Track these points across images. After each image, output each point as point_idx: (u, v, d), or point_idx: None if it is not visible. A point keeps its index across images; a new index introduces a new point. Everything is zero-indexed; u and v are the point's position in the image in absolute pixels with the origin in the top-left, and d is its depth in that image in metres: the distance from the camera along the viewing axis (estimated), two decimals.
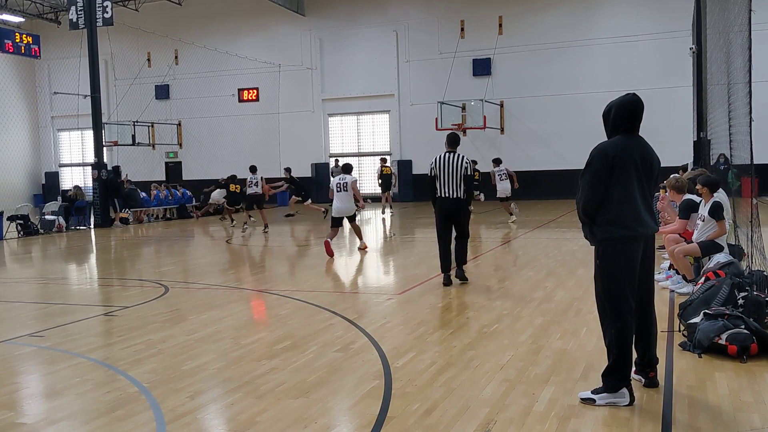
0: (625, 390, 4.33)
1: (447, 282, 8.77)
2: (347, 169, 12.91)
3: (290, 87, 30.75)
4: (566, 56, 26.74)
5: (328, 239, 12.21)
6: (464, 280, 8.95)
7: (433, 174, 8.73)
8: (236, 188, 19.96)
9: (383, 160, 24.93)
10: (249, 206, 18.65)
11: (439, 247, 8.92)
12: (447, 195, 8.66)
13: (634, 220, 4.31)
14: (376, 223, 20.02)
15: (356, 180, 12.67)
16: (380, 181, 23.88)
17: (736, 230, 9.23)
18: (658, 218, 10.77)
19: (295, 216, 21.96)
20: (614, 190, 4.30)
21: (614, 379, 4.34)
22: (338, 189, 12.30)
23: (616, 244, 4.32)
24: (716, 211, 7.41)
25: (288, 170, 22.18)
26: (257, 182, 18.01)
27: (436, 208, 8.83)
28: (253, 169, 18.27)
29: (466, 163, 8.72)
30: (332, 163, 28.57)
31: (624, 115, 4.38)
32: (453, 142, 8.87)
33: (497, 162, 18.25)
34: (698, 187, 7.82)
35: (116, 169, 22.40)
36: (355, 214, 12.61)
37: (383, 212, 22.88)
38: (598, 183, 4.31)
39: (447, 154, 8.72)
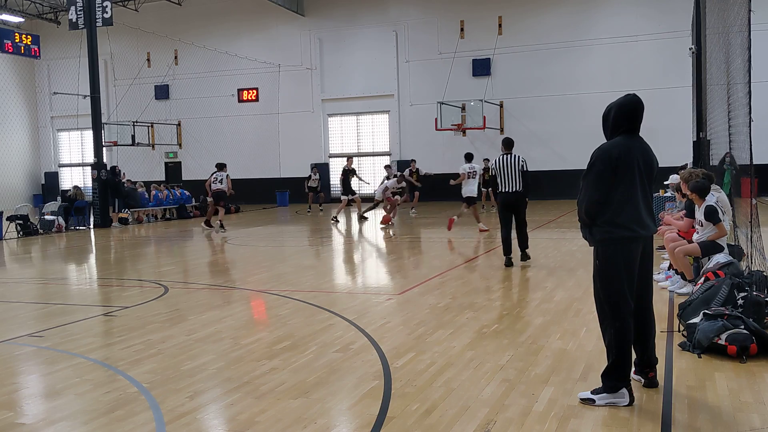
0: (624, 390, 4.34)
1: (508, 263, 10.18)
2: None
3: (290, 87, 30.74)
4: (566, 56, 26.74)
5: (456, 218, 15.43)
6: (527, 259, 10.43)
7: (493, 173, 10.33)
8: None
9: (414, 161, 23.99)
10: (216, 201, 18.08)
11: (501, 234, 10.37)
12: (507, 190, 10.11)
13: (633, 222, 4.32)
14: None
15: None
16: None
17: (735, 230, 9.23)
18: (658, 219, 10.81)
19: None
20: (616, 192, 4.31)
21: (614, 379, 4.35)
22: (470, 176, 15.57)
23: (616, 245, 4.33)
24: (711, 215, 7.42)
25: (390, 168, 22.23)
26: (222, 179, 17.72)
27: (498, 200, 10.39)
28: (220, 167, 18.07)
29: (522, 161, 10.11)
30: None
31: (625, 115, 4.39)
32: (509, 145, 10.27)
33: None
34: (687, 192, 7.83)
35: (113, 169, 22.28)
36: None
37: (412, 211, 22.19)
38: (602, 184, 4.31)
39: (504, 156, 10.15)
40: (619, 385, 4.34)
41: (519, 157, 10.08)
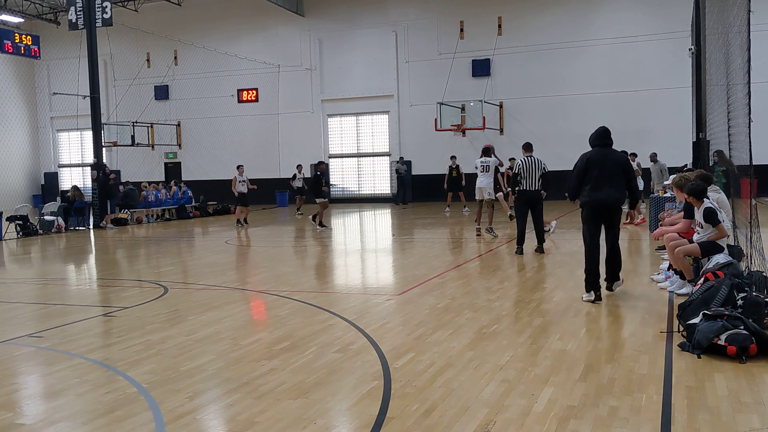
0: (592, 292, 7.46)
1: (519, 252, 11.49)
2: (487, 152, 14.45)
3: (289, 87, 30.75)
4: (566, 57, 26.75)
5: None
6: (541, 252, 11.49)
7: (517, 172, 11.52)
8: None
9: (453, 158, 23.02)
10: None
11: (517, 225, 11.73)
12: (528, 188, 11.43)
13: (591, 193, 7.50)
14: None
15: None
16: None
17: (735, 231, 9.23)
18: (657, 219, 10.84)
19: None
20: (587, 178, 7.51)
21: (586, 282, 7.50)
22: (482, 170, 14.16)
23: (583, 206, 7.63)
24: (711, 217, 7.42)
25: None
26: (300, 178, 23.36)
27: (519, 197, 11.60)
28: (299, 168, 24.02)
29: (543, 164, 11.51)
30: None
31: (595, 137, 7.73)
32: (529, 147, 11.68)
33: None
34: (685, 196, 7.84)
35: (104, 169, 21.57)
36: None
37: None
38: (578, 175, 7.60)
39: (528, 158, 11.46)
40: (588, 287, 7.50)
41: (540, 160, 11.51)
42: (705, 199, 7.60)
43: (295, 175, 24.55)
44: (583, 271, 7.50)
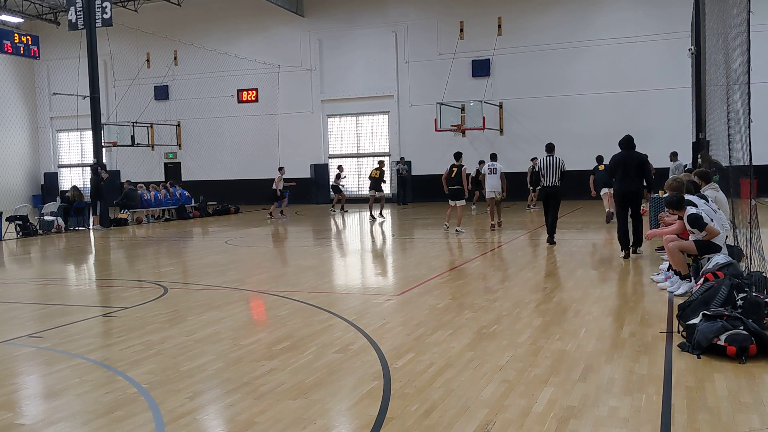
0: (623, 251, 10.55)
1: (550, 242, 12.74)
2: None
3: (289, 88, 30.73)
4: (565, 57, 26.74)
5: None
6: (552, 243, 12.64)
7: (537, 170, 13.04)
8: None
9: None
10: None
11: (545, 218, 12.99)
12: (547, 184, 12.71)
13: (616, 186, 10.67)
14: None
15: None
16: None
17: (735, 231, 9.24)
18: (656, 220, 11.03)
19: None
20: (614, 175, 10.61)
21: (619, 243, 10.59)
22: (490, 172, 16.62)
23: (615, 193, 10.80)
24: (695, 223, 7.52)
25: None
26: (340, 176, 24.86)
27: (540, 192, 13.21)
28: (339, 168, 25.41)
29: (561, 162, 12.74)
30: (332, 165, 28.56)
31: (620, 143, 10.59)
32: (551, 149, 12.97)
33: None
34: (668, 210, 7.98)
35: (95, 169, 21.02)
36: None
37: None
38: (610, 172, 10.88)
39: (548, 157, 12.75)
40: (620, 245, 10.54)
41: (559, 159, 12.69)
42: (687, 207, 7.67)
43: (338, 175, 24.65)
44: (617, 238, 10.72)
